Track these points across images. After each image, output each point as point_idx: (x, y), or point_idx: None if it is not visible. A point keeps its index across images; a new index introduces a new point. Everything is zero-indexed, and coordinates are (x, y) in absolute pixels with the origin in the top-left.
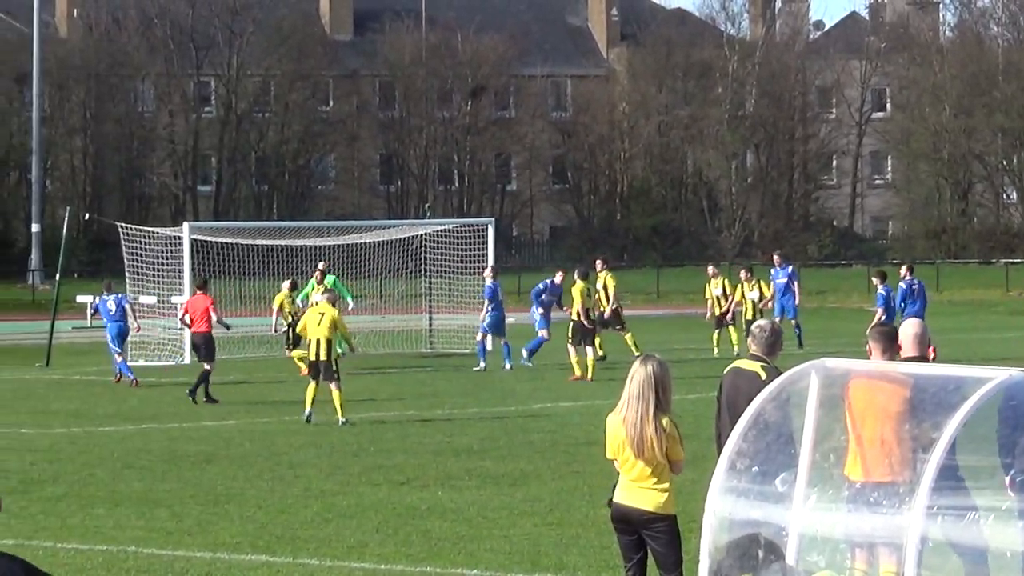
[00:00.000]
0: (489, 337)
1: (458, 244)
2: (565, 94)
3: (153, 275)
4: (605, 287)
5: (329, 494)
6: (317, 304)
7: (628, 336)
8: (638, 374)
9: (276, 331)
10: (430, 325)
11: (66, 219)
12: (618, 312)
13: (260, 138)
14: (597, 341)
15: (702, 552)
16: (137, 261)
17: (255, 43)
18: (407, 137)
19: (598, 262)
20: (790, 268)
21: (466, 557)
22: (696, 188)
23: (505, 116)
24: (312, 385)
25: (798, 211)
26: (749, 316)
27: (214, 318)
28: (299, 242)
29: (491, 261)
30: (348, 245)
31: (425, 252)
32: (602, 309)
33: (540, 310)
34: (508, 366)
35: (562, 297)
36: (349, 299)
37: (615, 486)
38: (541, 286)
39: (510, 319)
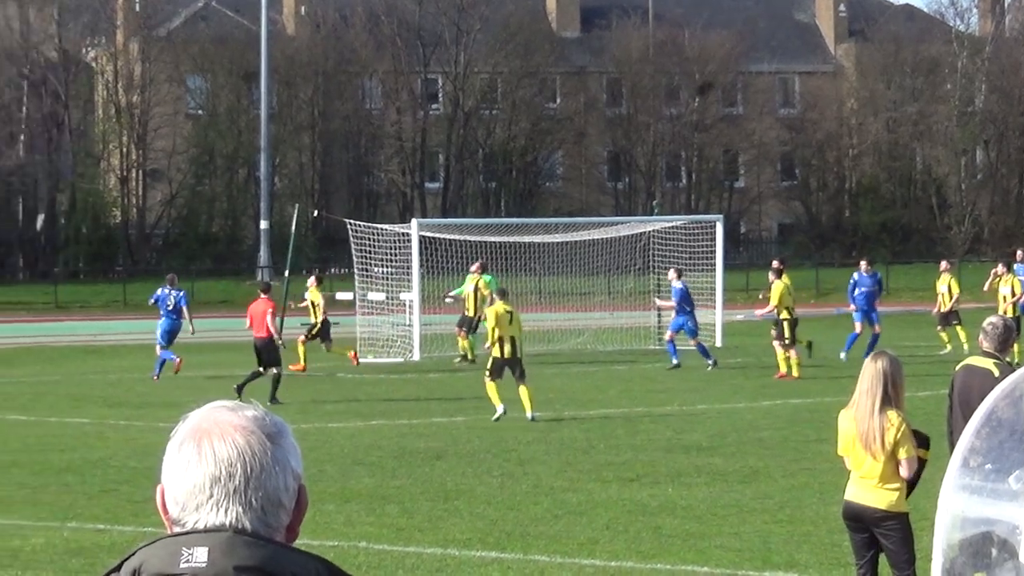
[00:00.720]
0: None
1: (686, 241)
2: (793, 91)
3: (381, 272)
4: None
5: (559, 491)
6: (495, 303)
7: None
8: (869, 370)
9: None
10: (658, 322)
11: (294, 216)
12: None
13: (487, 135)
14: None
15: (935, 550)
16: (365, 258)
17: (482, 40)
18: (634, 134)
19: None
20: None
21: (696, 554)
22: (925, 185)
23: (733, 113)
24: (495, 384)
25: None
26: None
27: (270, 324)
28: (526, 239)
29: (719, 257)
30: (575, 242)
31: (653, 249)
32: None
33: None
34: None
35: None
36: None
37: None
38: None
39: (738, 316)
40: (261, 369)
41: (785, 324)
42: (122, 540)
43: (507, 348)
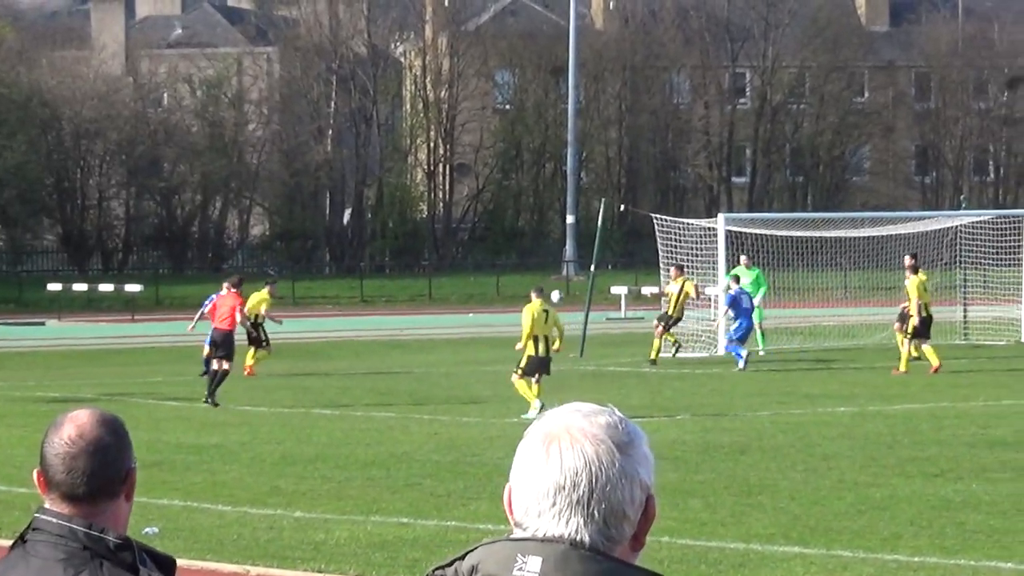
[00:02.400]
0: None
1: (993, 236)
2: None
3: (688, 266)
4: None
5: (863, 486)
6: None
7: None
8: None
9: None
10: (965, 316)
11: (601, 210)
12: None
13: (795, 129)
14: None
15: None
16: (671, 252)
17: (790, 34)
18: (943, 128)
19: None
20: None
21: (1000, 550)
22: None
23: None
24: (525, 382)
25: None
26: None
27: (238, 318)
28: (832, 233)
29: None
30: (881, 237)
31: (960, 243)
32: None
33: None
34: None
35: None
36: (762, 290)
37: None
38: None
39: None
40: (214, 363)
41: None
42: (425, 534)
43: (541, 347)
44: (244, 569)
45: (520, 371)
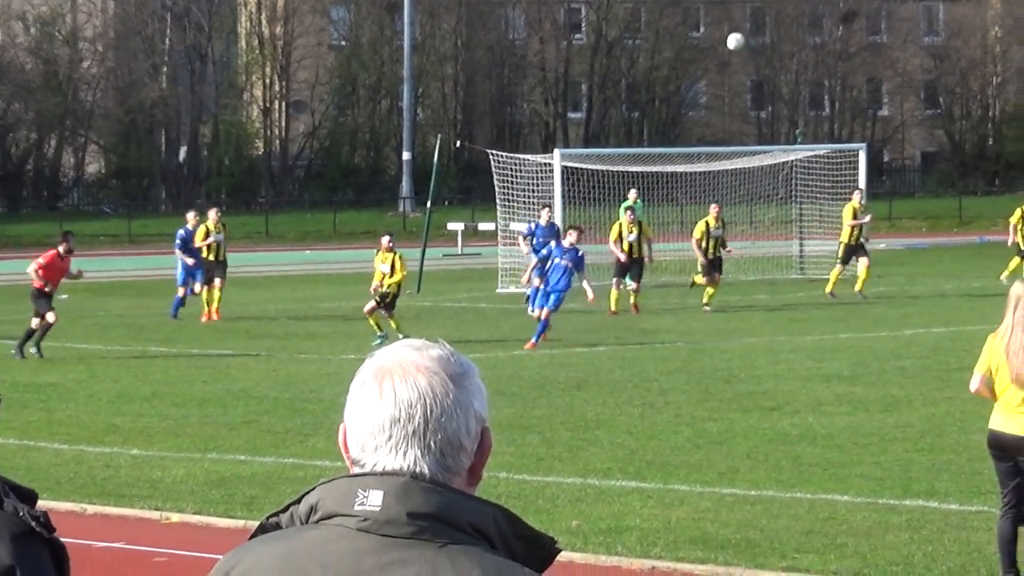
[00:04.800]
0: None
1: (829, 170)
2: (937, 18)
3: (524, 202)
4: None
5: (699, 420)
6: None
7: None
8: (1021, 297)
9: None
10: (801, 251)
11: (437, 147)
12: None
13: (631, 64)
14: None
15: None
16: (507, 188)
17: None
18: (778, 63)
19: None
20: None
21: (836, 483)
22: None
23: (876, 41)
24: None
25: None
26: None
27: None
28: (668, 168)
29: (863, 186)
30: (717, 172)
31: (795, 178)
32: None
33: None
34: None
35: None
36: None
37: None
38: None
39: (880, 244)
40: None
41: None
42: (262, 471)
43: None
44: (81, 507)
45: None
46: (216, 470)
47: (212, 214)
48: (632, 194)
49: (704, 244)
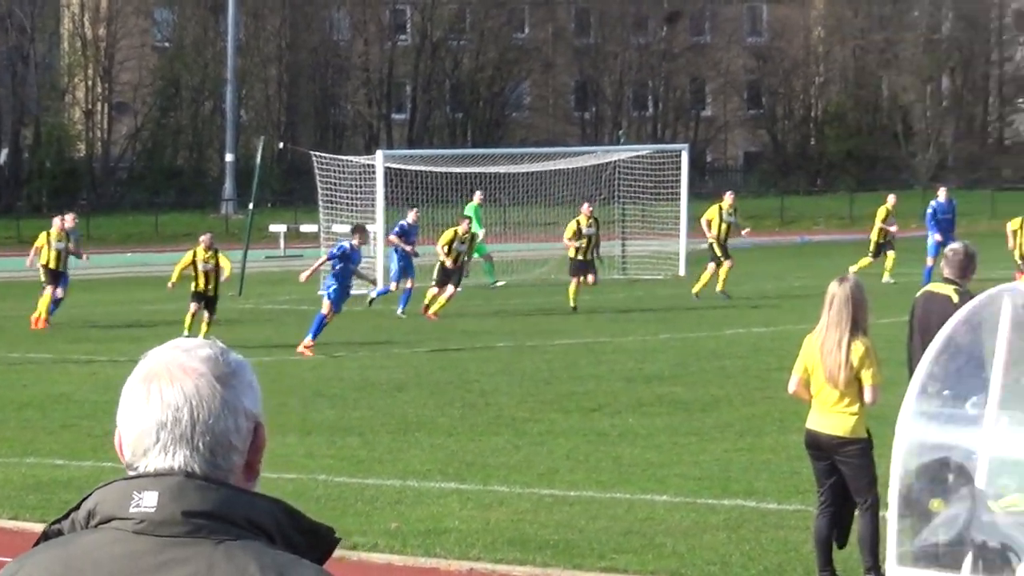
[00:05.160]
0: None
1: (651, 170)
2: (761, 19)
3: (347, 204)
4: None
5: (520, 421)
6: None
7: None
8: (836, 296)
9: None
10: (623, 252)
11: (260, 148)
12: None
13: (455, 65)
14: None
15: (892, 476)
16: (331, 190)
17: None
18: (602, 63)
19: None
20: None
21: (655, 483)
22: (890, 112)
23: (700, 41)
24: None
25: (993, 135)
26: None
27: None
28: (492, 169)
29: (684, 186)
30: (542, 172)
31: (618, 178)
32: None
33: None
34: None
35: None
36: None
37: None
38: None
39: (703, 244)
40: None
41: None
42: (80, 475)
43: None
44: None
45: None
46: (34, 474)
47: (57, 221)
48: (478, 196)
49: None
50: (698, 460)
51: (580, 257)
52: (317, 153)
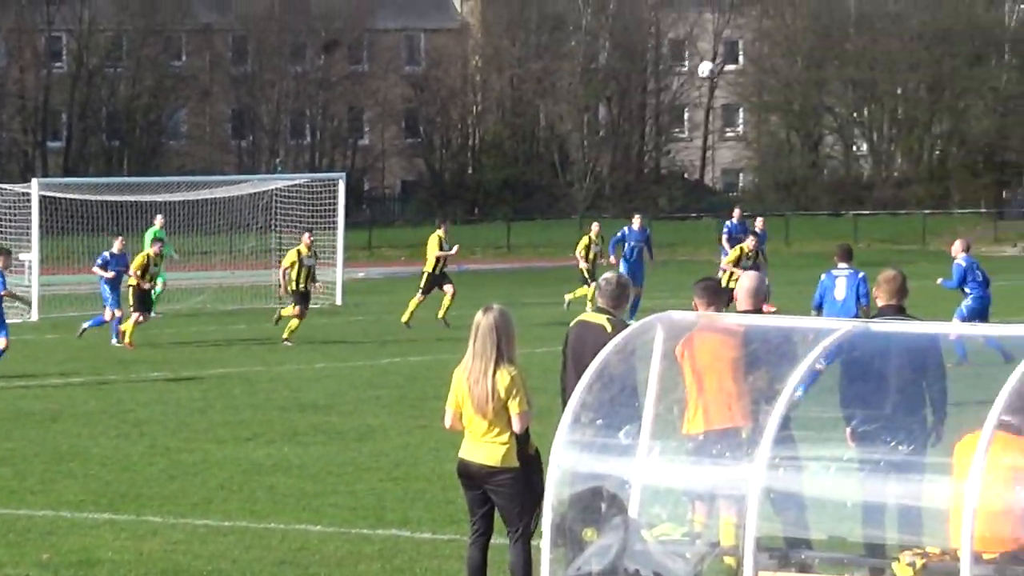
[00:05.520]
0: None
1: (309, 199)
2: (418, 48)
3: (1, 232)
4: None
5: (174, 451)
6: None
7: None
8: (480, 325)
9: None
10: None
11: None
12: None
13: (111, 93)
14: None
15: (546, 506)
16: None
17: None
18: (259, 92)
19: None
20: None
21: (311, 513)
22: (548, 142)
23: (358, 70)
24: None
25: (649, 164)
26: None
27: None
28: (149, 198)
29: (341, 215)
30: (199, 200)
31: (276, 207)
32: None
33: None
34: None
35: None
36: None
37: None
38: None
39: (360, 273)
40: None
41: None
42: None
43: None
44: None
45: None
46: None
47: None
48: (159, 220)
49: (296, 275)
50: (353, 490)
51: (300, 288)
52: None
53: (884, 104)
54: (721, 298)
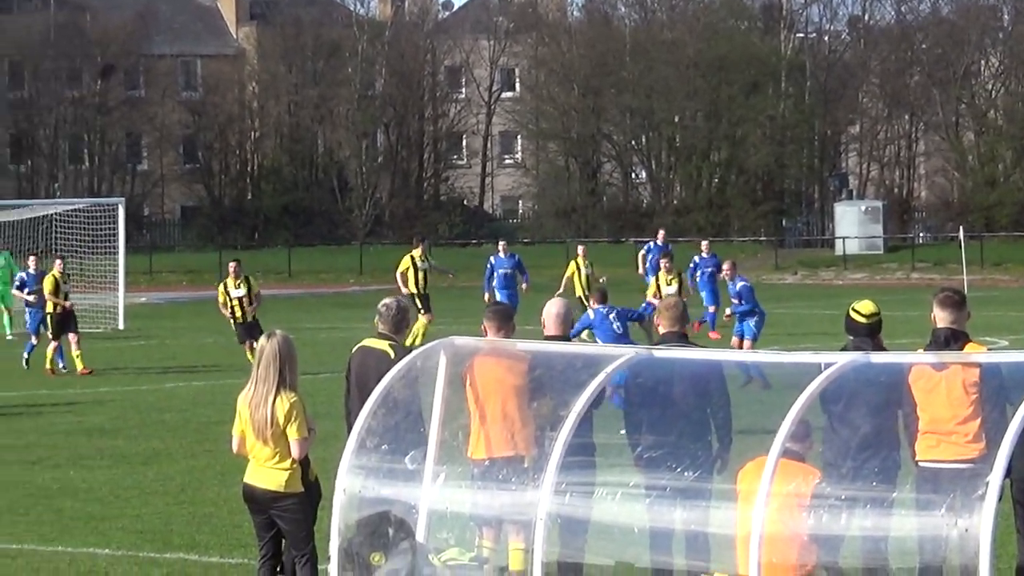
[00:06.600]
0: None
1: (89, 223)
2: (195, 74)
3: None
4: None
5: None
6: None
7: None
8: (264, 351)
9: None
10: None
11: None
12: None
13: None
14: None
15: (332, 530)
16: None
17: None
18: (37, 116)
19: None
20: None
21: (98, 537)
22: (327, 168)
23: (135, 95)
24: None
25: (429, 190)
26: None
27: None
28: None
29: (122, 240)
30: None
31: (56, 232)
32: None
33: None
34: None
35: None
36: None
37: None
38: None
39: (141, 298)
40: None
41: None
42: None
43: None
44: None
45: None
46: None
47: None
48: None
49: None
50: (140, 513)
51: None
52: None
53: (662, 132)
54: (511, 323)
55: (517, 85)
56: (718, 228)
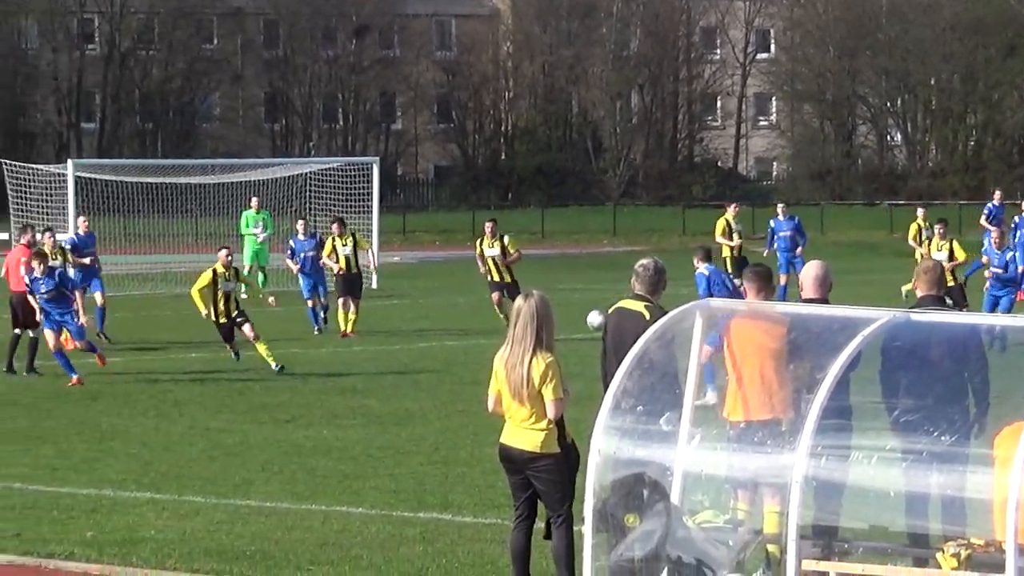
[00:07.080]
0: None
1: (343, 183)
2: (450, 34)
3: (37, 212)
4: None
5: (214, 432)
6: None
7: None
8: (521, 312)
9: None
10: None
11: None
12: None
13: (144, 75)
14: None
15: (587, 491)
16: (21, 198)
17: None
18: (292, 75)
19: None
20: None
21: (351, 496)
22: (580, 128)
23: (390, 55)
24: None
25: (682, 152)
26: None
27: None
28: (183, 180)
29: (376, 199)
30: (232, 183)
31: (310, 191)
32: None
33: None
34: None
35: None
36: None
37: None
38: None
39: (395, 258)
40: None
41: None
42: None
43: None
44: None
45: None
46: None
47: None
48: (255, 202)
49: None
50: (393, 473)
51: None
52: (7, 161)
53: (918, 94)
54: (770, 285)
55: (772, 46)
56: (973, 191)
